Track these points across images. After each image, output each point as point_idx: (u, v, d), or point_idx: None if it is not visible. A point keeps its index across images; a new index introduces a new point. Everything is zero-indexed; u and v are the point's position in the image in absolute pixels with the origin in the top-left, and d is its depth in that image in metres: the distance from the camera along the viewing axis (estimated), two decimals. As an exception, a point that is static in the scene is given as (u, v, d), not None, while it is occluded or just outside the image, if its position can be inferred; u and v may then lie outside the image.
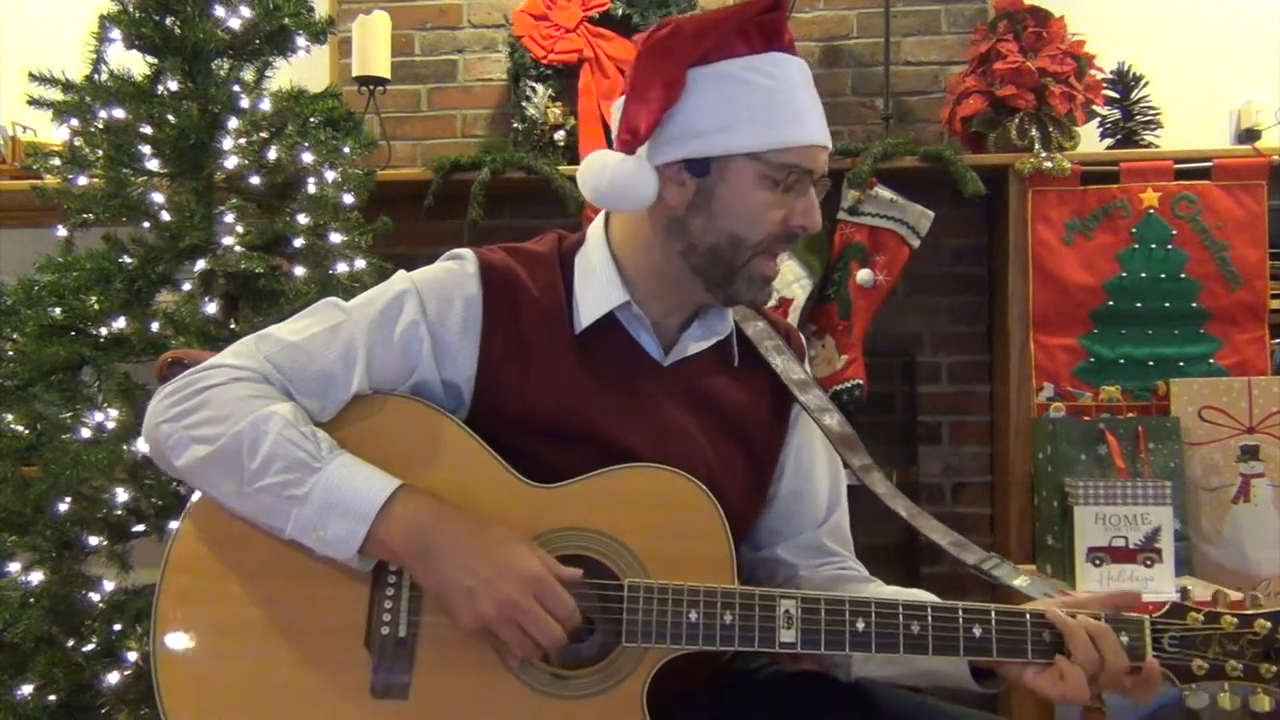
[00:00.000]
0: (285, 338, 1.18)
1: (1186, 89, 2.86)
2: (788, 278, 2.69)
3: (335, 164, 2.29)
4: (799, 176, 1.18)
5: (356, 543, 1.07)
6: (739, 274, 1.20)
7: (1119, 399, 2.60)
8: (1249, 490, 2.47)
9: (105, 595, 2.06)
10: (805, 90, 1.21)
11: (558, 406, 1.19)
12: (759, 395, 1.30)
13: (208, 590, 1.11)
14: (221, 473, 1.10)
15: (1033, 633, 1.08)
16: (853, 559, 1.35)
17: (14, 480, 2.08)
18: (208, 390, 1.13)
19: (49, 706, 2.00)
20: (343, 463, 1.09)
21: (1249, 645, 1.08)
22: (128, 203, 2.11)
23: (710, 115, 1.17)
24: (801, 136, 1.18)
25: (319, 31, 2.26)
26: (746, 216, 1.18)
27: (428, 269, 1.24)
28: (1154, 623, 1.09)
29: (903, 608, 1.08)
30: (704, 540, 1.12)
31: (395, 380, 1.19)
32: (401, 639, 1.10)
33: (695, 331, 1.27)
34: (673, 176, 1.18)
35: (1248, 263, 2.59)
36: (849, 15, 2.98)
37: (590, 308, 1.22)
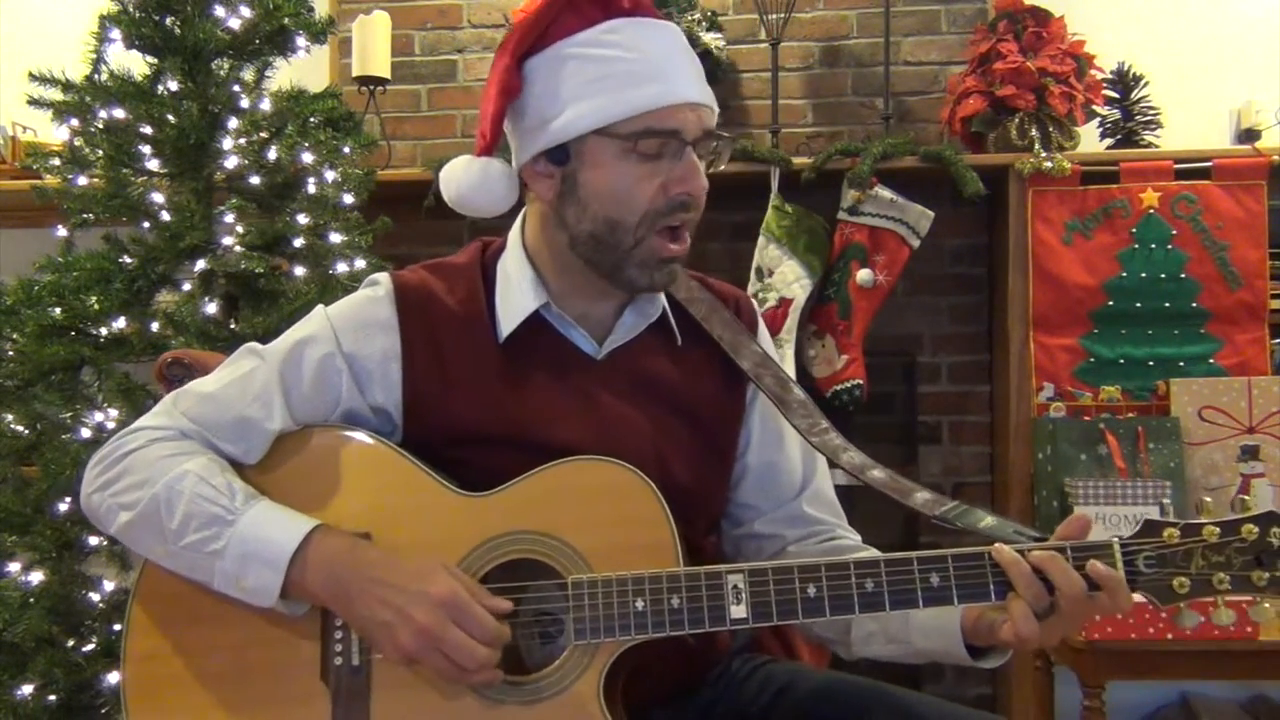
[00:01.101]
0: (202, 390, 1.19)
1: (1186, 89, 2.86)
2: (788, 277, 2.69)
3: (335, 164, 2.29)
4: (662, 141, 1.12)
5: (275, 590, 1.07)
6: (628, 260, 1.15)
7: (1119, 399, 2.60)
8: (1249, 490, 2.47)
9: (105, 595, 2.06)
10: (655, 48, 1.14)
11: (485, 416, 1.18)
12: (706, 372, 1.26)
13: (169, 647, 1.13)
14: (148, 536, 1.12)
15: (993, 571, 1.02)
16: (843, 526, 1.32)
17: (14, 480, 2.08)
18: (128, 456, 1.15)
19: (49, 706, 2.00)
20: (257, 511, 1.09)
21: (1236, 553, 0.99)
22: (128, 203, 2.11)
23: (551, 100, 1.14)
24: (649, 99, 1.11)
25: (319, 31, 2.26)
26: (613, 196, 1.13)
27: (343, 300, 1.25)
28: (1124, 543, 1.01)
29: (854, 566, 1.05)
30: (644, 527, 1.10)
31: (321, 413, 1.19)
32: (355, 667, 1.10)
33: (628, 319, 1.24)
34: (540, 171, 1.17)
35: (1248, 263, 2.59)
36: (849, 15, 2.98)
37: (510, 315, 1.20)
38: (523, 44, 1.15)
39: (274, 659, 1.11)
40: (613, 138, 1.12)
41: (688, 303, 1.28)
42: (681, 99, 1.13)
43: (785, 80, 2.93)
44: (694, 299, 1.29)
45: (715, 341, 1.27)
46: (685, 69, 1.15)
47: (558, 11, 1.14)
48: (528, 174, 1.19)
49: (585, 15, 1.14)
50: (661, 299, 1.26)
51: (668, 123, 1.12)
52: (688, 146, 1.14)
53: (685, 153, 1.14)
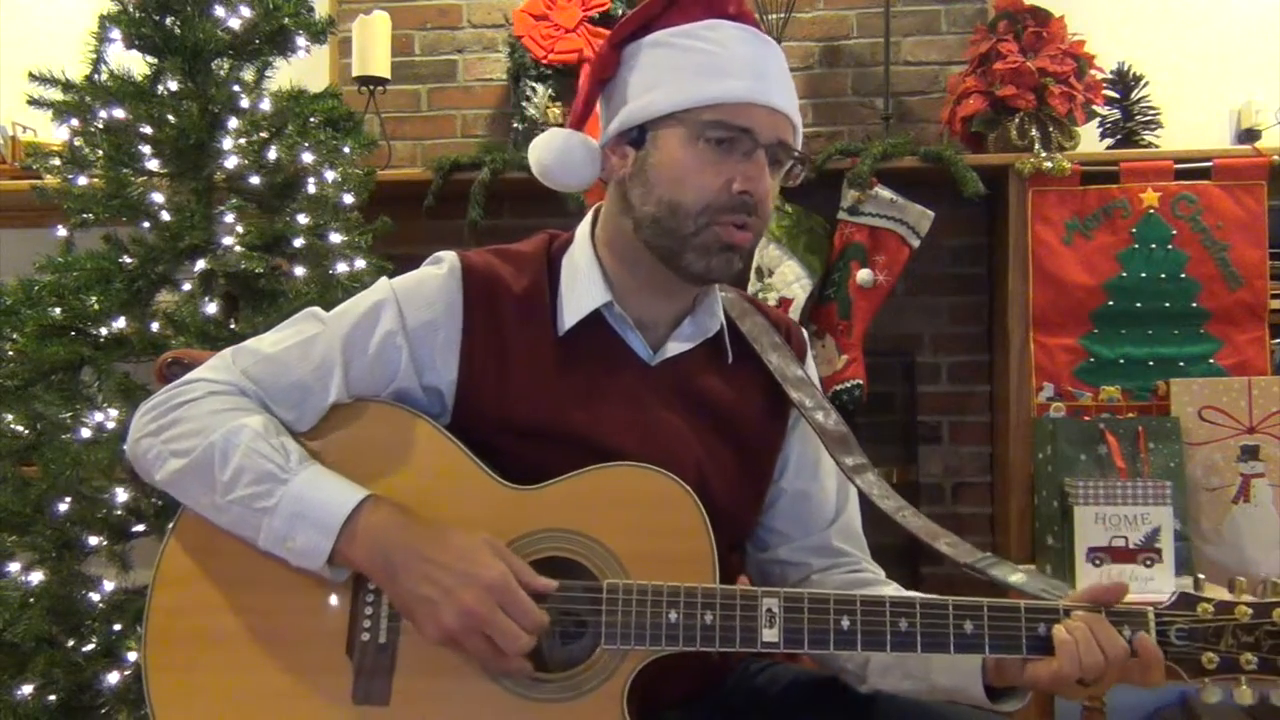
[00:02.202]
0: (262, 350, 1.19)
1: (1186, 89, 2.87)
2: (788, 277, 2.69)
3: (335, 164, 2.29)
4: (735, 136, 1.14)
5: (323, 555, 1.07)
6: (688, 244, 1.16)
7: (1119, 399, 2.60)
8: (1249, 490, 2.47)
9: (105, 595, 2.06)
10: (748, 51, 1.17)
11: (538, 409, 1.18)
12: (753, 393, 1.27)
13: (195, 602, 1.12)
14: (197, 486, 1.12)
15: (1027, 625, 1.04)
16: (867, 560, 1.33)
17: (14, 480, 2.08)
18: (184, 405, 1.15)
19: (49, 706, 2.00)
20: (311, 474, 1.10)
21: (1266, 636, 1.01)
22: (128, 203, 2.11)
23: (638, 83, 1.18)
24: (731, 93, 1.14)
25: (319, 31, 2.26)
26: (677, 179, 1.15)
27: (408, 275, 1.24)
28: (1159, 614, 1.03)
29: (890, 604, 1.05)
30: (684, 538, 1.11)
31: (375, 389, 1.19)
32: (382, 645, 1.10)
33: (685, 330, 1.25)
34: (616, 151, 1.20)
35: (1248, 263, 2.59)
36: (849, 15, 2.98)
37: (573, 309, 1.21)
38: (623, 31, 1.19)
39: (301, 628, 1.11)
40: (686, 123, 1.14)
41: (740, 319, 1.30)
42: (761, 100, 1.15)
43: (785, 80, 2.93)
44: (748, 318, 1.31)
45: (763, 364, 1.28)
46: (773, 78, 1.17)
47: (664, 7, 1.18)
48: (607, 153, 1.22)
49: (689, 12, 1.18)
50: (720, 316, 1.26)
51: (741, 119, 1.14)
52: (760, 148, 1.15)
53: (756, 153, 1.15)
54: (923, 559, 2.76)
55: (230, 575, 1.12)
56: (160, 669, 1.11)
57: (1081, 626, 1.02)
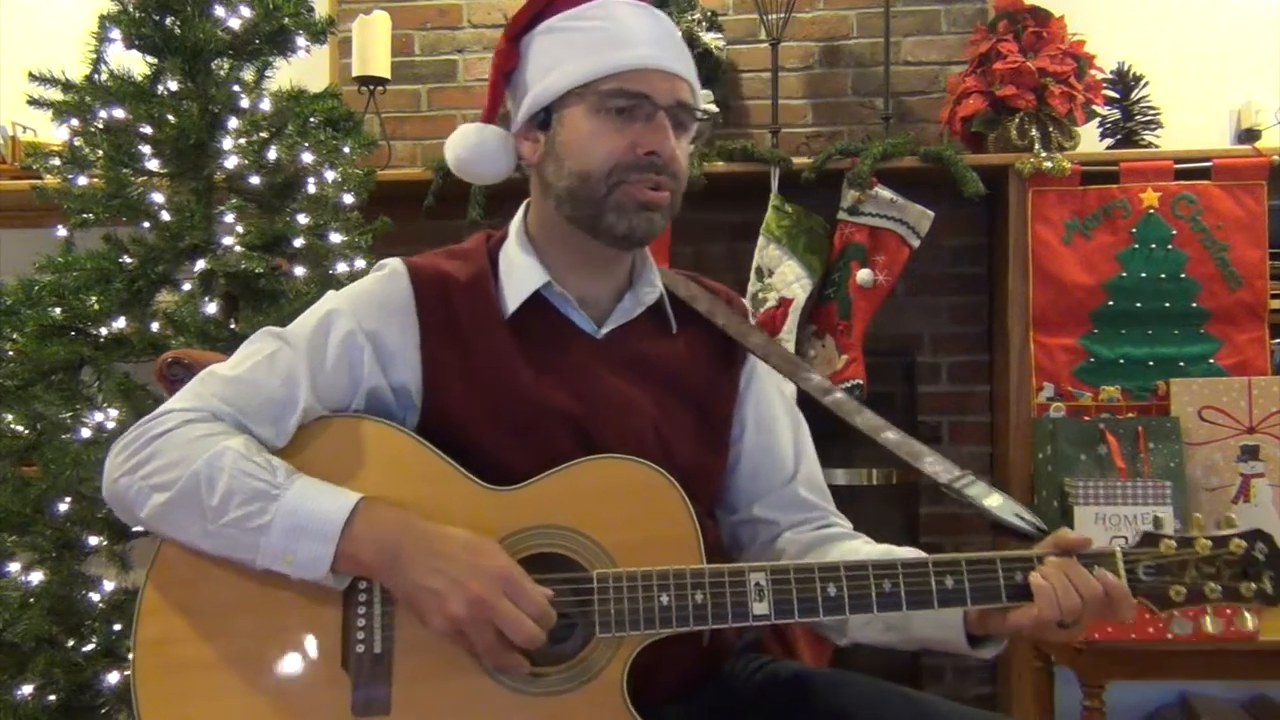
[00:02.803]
0: (227, 373, 1.19)
1: (1186, 89, 2.87)
2: (788, 277, 2.69)
3: (335, 164, 2.28)
4: (634, 101, 1.18)
5: (326, 563, 1.07)
6: (604, 207, 1.19)
7: (1119, 399, 2.60)
8: (1249, 490, 2.47)
9: (105, 595, 2.06)
10: (636, 22, 1.22)
11: (502, 391, 1.21)
12: (702, 355, 1.32)
13: (182, 632, 1.11)
14: (185, 516, 1.10)
15: (1005, 574, 1.09)
16: (834, 512, 1.37)
17: (14, 480, 2.08)
18: (160, 438, 1.13)
19: (49, 706, 2.00)
20: (302, 486, 1.10)
21: (1225, 566, 1.09)
22: (128, 203, 2.11)
23: (539, 70, 1.22)
24: (623, 61, 1.18)
25: (319, 31, 2.26)
26: (584, 149, 1.19)
27: (355, 284, 1.27)
28: (1127, 553, 1.10)
29: (872, 567, 1.10)
30: (667, 523, 1.13)
31: (345, 394, 1.20)
32: (377, 655, 1.10)
33: (626, 304, 1.29)
34: (527, 137, 1.25)
35: (1248, 263, 2.59)
36: (849, 15, 2.98)
37: (515, 292, 1.24)
38: (517, 24, 1.24)
39: (293, 645, 1.10)
40: (588, 96, 1.19)
41: (690, 299, 1.33)
42: (655, 65, 1.20)
43: (785, 80, 2.93)
44: (695, 295, 1.35)
45: (709, 328, 1.32)
46: (666, 46, 1.22)
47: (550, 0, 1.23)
48: (519, 140, 1.27)
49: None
50: (659, 286, 1.30)
51: (639, 85, 1.18)
52: (660, 111, 1.19)
53: (657, 116, 1.19)
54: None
55: (216, 601, 1.11)
56: (153, 702, 1.10)
57: (1057, 572, 1.07)
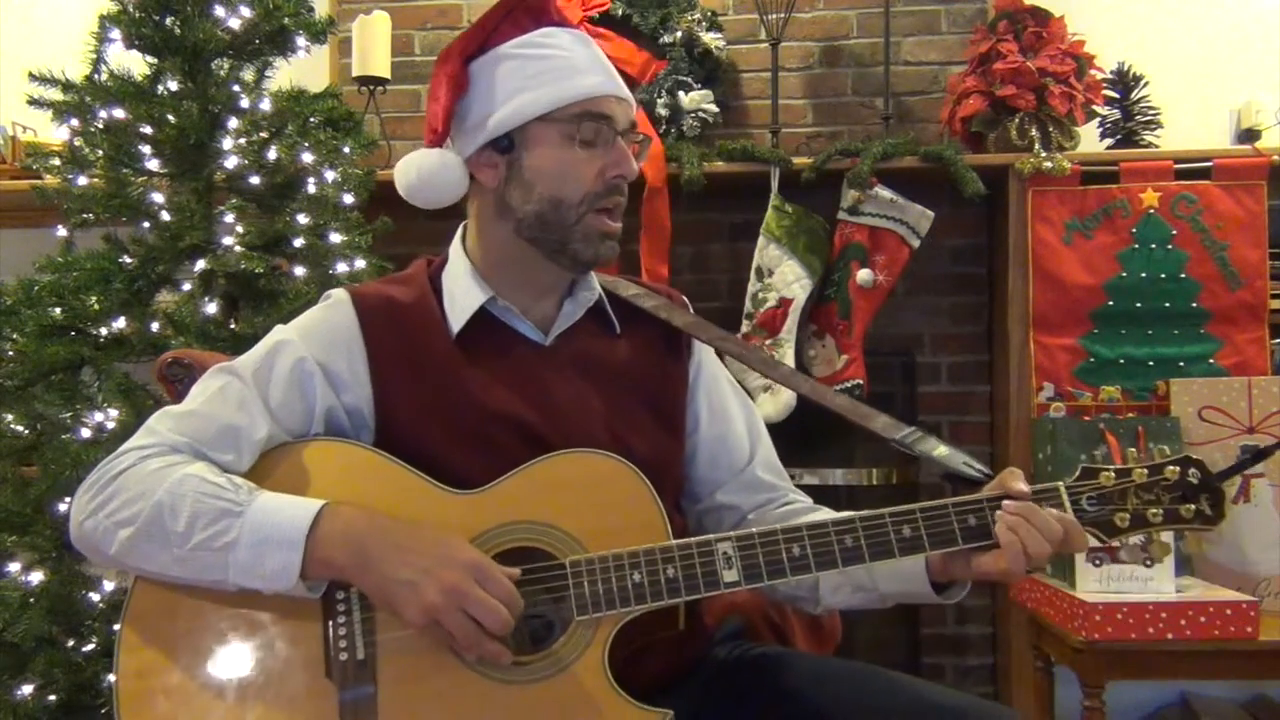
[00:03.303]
0: (181, 410, 1.21)
1: (1186, 89, 2.87)
2: (788, 277, 2.69)
3: (335, 164, 2.29)
4: (597, 127, 1.23)
5: (296, 570, 1.07)
6: (572, 234, 1.24)
7: (1119, 399, 2.60)
8: (1249, 490, 2.46)
9: (105, 595, 2.06)
10: (583, 51, 1.27)
11: (453, 403, 1.23)
12: (648, 351, 1.35)
13: (165, 661, 1.11)
14: (152, 546, 1.11)
15: (958, 519, 1.14)
16: (793, 490, 1.41)
17: (14, 480, 2.08)
18: (119, 476, 1.14)
19: (49, 706, 2.00)
20: (264, 499, 1.11)
21: (1164, 491, 1.16)
22: (128, 203, 2.11)
23: (496, 95, 1.25)
24: (585, 89, 1.24)
25: (319, 31, 2.26)
26: (558, 175, 1.23)
27: (300, 316, 1.29)
28: (1069, 487, 1.16)
29: (832, 525, 1.14)
30: (633, 508, 1.16)
31: (302, 419, 1.22)
32: (361, 660, 1.11)
33: (568, 308, 1.32)
34: (485, 162, 1.27)
35: (1248, 263, 2.59)
36: (849, 15, 2.98)
37: (458, 313, 1.27)
38: (469, 48, 1.27)
39: (276, 662, 1.11)
40: (555, 123, 1.23)
41: (633, 298, 1.38)
42: (612, 92, 1.26)
43: (785, 80, 2.93)
44: (641, 294, 1.40)
45: (651, 322, 1.36)
46: (610, 71, 1.28)
47: (499, 20, 1.27)
48: (473, 166, 1.28)
49: (520, 25, 1.27)
50: (597, 289, 1.34)
51: (602, 109, 1.24)
52: (618, 135, 1.25)
53: (616, 140, 1.25)
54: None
55: (194, 628, 1.12)
56: None
57: (1020, 520, 1.11)
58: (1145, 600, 2.11)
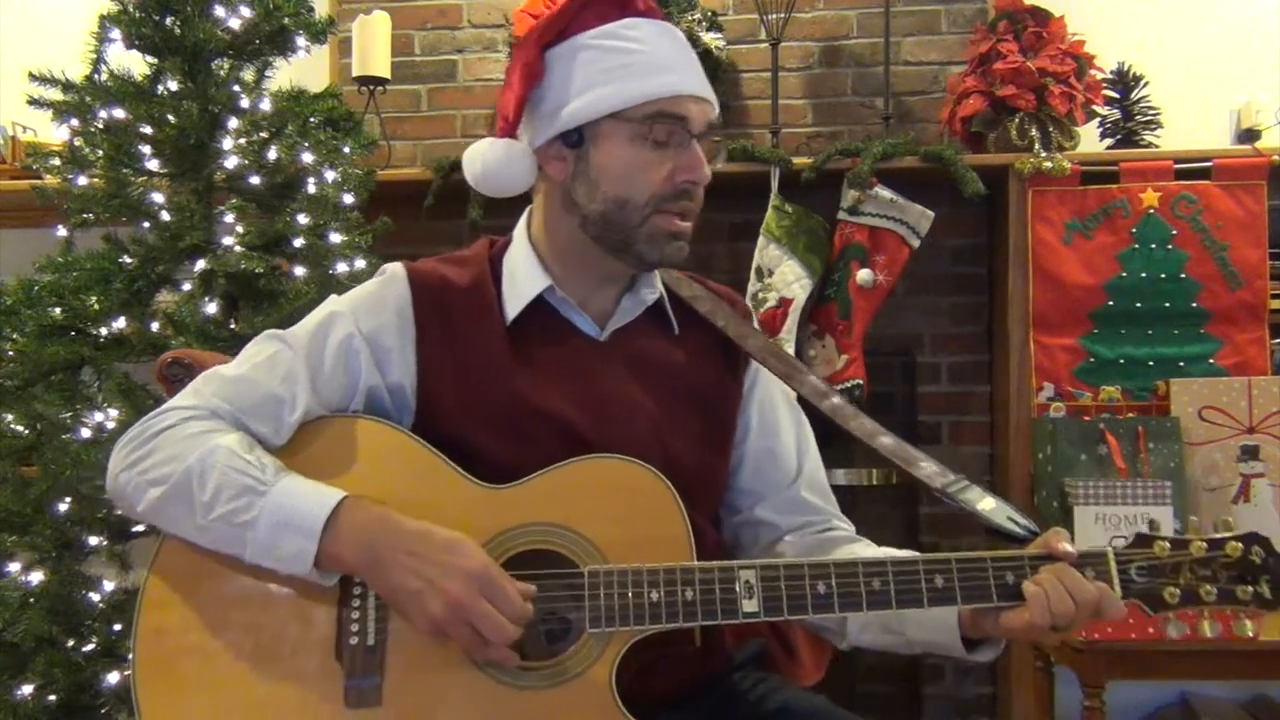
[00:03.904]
0: (229, 373, 1.21)
1: (1186, 89, 2.86)
2: (788, 277, 2.69)
3: (335, 164, 2.29)
4: (670, 128, 1.19)
5: (309, 558, 1.08)
6: (637, 235, 1.21)
7: (1119, 399, 2.60)
8: (1249, 490, 2.47)
9: (105, 595, 2.06)
10: (667, 46, 1.23)
11: (495, 395, 1.21)
12: (704, 356, 1.32)
13: (182, 623, 1.13)
14: (179, 510, 1.12)
15: (995, 575, 1.09)
16: (837, 515, 1.36)
17: (14, 480, 2.08)
18: (160, 434, 1.16)
19: (49, 706, 2.00)
20: (288, 483, 1.11)
21: (1222, 569, 1.07)
22: (128, 203, 2.11)
23: (570, 87, 1.21)
24: (662, 88, 1.19)
25: (319, 31, 2.26)
26: (624, 176, 1.20)
27: (357, 288, 1.29)
28: (1118, 554, 1.09)
29: (862, 565, 1.10)
30: (660, 522, 1.13)
31: (343, 395, 1.22)
32: (370, 647, 1.11)
33: (627, 303, 1.29)
34: (553, 154, 1.23)
35: (1248, 263, 2.59)
36: (849, 15, 2.98)
37: (516, 298, 1.25)
38: (546, 35, 1.22)
39: (288, 638, 1.12)
40: (627, 121, 1.19)
41: (692, 299, 1.34)
42: (691, 91, 1.21)
43: (785, 80, 2.93)
44: (698, 296, 1.35)
45: (711, 329, 1.32)
46: (693, 68, 1.23)
47: (579, 8, 1.22)
48: (542, 157, 1.24)
49: (603, 13, 1.22)
50: (659, 287, 1.31)
51: (678, 110, 1.20)
52: (693, 138, 1.21)
53: (691, 143, 1.21)
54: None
55: (215, 594, 1.13)
56: (151, 690, 1.11)
57: (1050, 577, 1.07)
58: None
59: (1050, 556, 1.09)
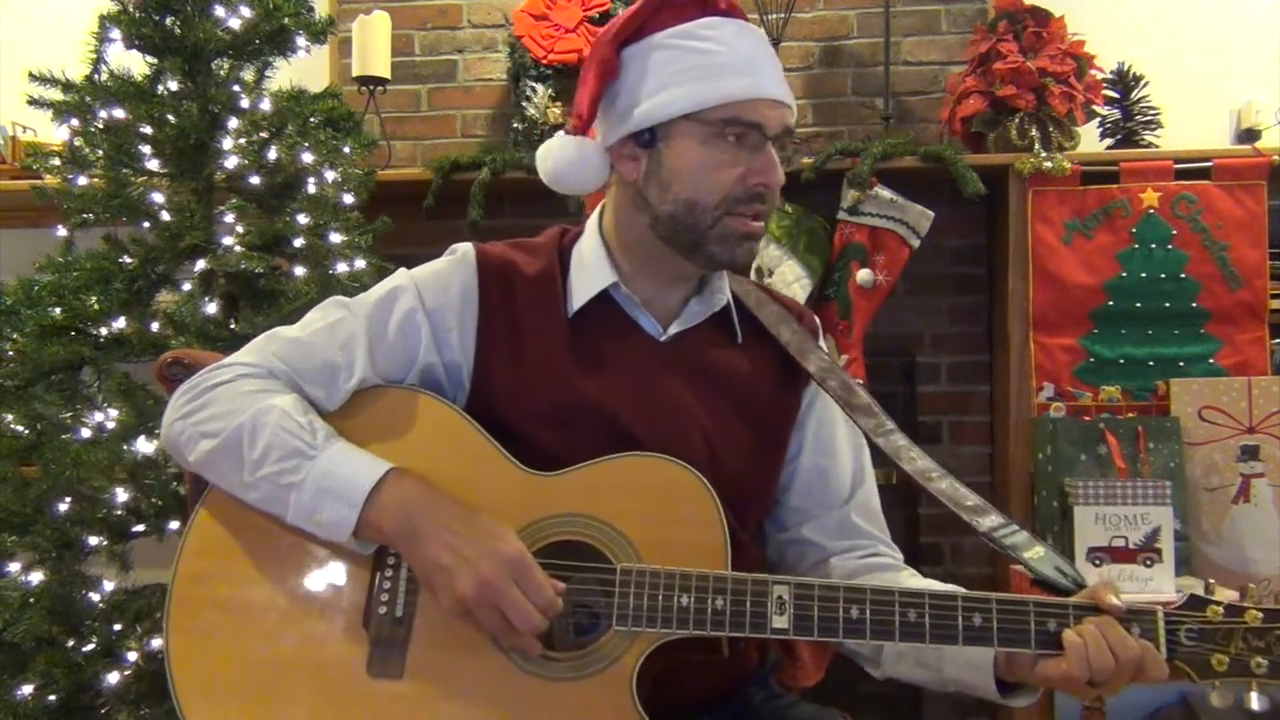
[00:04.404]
0: (291, 334, 1.23)
1: (1186, 89, 2.86)
2: (788, 277, 2.69)
3: (335, 164, 2.29)
4: (744, 132, 1.18)
5: (349, 526, 1.09)
6: (708, 236, 1.20)
7: (1119, 399, 2.60)
8: (1249, 490, 2.47)
9: (105, 595, 2.06)
10: (747, 46, 1.21)
11: (550, 385, 1.21)
12: (765, 369, 1.30)
13: (219, 572, 1.15)
14: (228, 465, 1.14)
15: (1036, 621, 1.05)
16: (885, 543, 1.34)
17: (14, 480, 2.08)
18: (217, 388, 1.18)
19: (49, 706, 2.00)
20: (337, 450, 1.12)
21: (1277, 641, 1.02)
22: (128, 203, 2.11)
23: (645, 86, 1.20)
24: (738, 91, 1.18)
25: (319, 31, 2.26)
26: (695, 178, 1.19)
27: (426, 265, 1.28)
28: (1169, 616, 1.05)
29: (899, 594, 1.07)
30: (699, 528, 1.12)
31: (400, 367, 1.23)
32: (398, 618, 1.12)
33: (693, 308, 1.28)
34: (626, 153, 1.23)
35: (1248, 263, 2.58)
36: (849, 15, 2.98)
37: (581, 290, 1.25)
38: (624, 32, 1.21)
39: (320, 600, 1.14)
40: (700, 123, 1.18)
41: (756, 308, 1.33)
42: (768, 95, 1.20)
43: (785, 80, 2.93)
44: (762, 305, 1.34)
45: (775, 343, 1.31)
46: (771, 70, 1.22)
47: (659, 6, 1.21)
48: (615, 155, 1.24)
49: (683, 11, 1.21)
50: (727, 294, 1.30)
51: (752, 115, 1.18)
52: (768, 141, 1.19)
53: (765, 146, 1.19)
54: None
55: (254, 548, 1.15)
56: (181, 632, 1.14)
57: (1093, 630, 1.03)
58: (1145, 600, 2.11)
59: (1097, 608, 1.05)
